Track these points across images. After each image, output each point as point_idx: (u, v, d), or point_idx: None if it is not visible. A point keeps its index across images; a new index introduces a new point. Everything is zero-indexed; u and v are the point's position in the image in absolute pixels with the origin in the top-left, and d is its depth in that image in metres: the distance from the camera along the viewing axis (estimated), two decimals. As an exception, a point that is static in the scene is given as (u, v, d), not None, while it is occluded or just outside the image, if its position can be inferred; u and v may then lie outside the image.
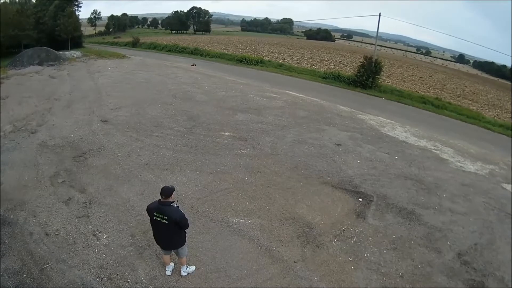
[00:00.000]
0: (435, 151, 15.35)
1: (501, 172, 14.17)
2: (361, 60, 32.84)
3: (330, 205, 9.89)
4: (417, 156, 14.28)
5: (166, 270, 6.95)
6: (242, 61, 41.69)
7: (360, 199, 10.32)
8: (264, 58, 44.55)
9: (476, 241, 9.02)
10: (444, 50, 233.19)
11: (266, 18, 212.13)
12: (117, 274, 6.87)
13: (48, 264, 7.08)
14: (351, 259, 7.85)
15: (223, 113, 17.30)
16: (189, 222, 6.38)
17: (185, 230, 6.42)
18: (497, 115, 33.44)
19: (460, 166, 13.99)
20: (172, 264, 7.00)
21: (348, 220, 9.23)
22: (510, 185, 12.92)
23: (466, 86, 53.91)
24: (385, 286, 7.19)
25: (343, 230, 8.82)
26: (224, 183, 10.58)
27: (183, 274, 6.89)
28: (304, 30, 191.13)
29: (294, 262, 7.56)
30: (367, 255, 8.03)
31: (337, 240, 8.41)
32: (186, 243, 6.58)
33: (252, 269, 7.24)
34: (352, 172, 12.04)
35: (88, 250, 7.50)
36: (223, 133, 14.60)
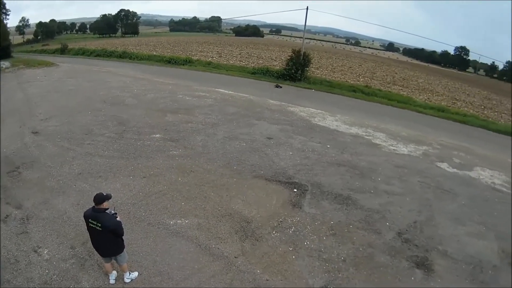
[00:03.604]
0: (367, 137, 16.29)
1: (435, 152, 15.33)
2: (290, 54, 33.67)
3: (265, 198, 10.22)
4: (349, 143, 15.08)
5: (109, 279, 6.90)
6: (170, 61, 41.74)
7: (295, 190, 10.76)
8: (192, 58, 44.63)
9: (415, 219, 9.68)
10: (374, 39, 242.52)
11: (195, 17, 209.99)
12: (62, 289, 6.75)
13: (-8, 286, 6.82)
14: (291, 248, 8.14)
15: (153, 116, 17.32)
16: (125, 228, 6.42)
17: (122, 237, 6.44)
18: (428, 98, 35.27)
19: (393, 149, 14.95)
20: (114, 272, 6.97)
21: (284, 211, 9.59)
22: (444, 163, 14.02)
23: (396, 73, 56.45)
24: (328, 271, 7.52)
25: (281, 221, 9.14)
26: (158, 186, 10.61)
27: (127, 281, 6.90)
28: (232, 27, 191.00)
29: (235, 257, 7.75)
30: (307, 243, 8.36)
31: (275, 232, 8.70)
32: (125, 250, 6.61)
33: (194, 269, 7.35)
34: (284, 163, 12.52)
35: (31, 267, 7.27)
36: (154, 135, 14.63)
